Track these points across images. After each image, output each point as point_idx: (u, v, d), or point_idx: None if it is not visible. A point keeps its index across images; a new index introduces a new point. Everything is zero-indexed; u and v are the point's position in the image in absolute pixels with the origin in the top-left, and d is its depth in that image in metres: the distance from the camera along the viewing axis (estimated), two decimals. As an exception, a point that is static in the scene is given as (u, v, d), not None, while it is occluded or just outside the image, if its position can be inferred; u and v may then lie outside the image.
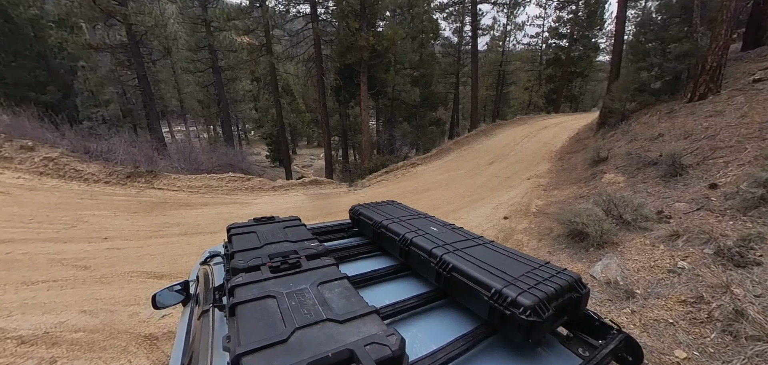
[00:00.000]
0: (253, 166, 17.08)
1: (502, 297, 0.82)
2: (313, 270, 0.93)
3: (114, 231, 5.34)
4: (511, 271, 0.93)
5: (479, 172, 9.56)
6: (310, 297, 0.79)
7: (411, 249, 1.16)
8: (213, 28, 17.05)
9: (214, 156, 12.86)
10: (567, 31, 26.92)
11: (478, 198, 7.32)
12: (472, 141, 14.06)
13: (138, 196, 7.03)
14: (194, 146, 12.80)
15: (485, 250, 1.10)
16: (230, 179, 8.11)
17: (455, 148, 12.78)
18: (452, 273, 0.97)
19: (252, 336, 0.64)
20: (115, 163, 8.45)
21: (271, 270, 0.92)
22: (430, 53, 19.71)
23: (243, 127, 35.00)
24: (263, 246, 1.12)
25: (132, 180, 7.59)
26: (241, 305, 0.75)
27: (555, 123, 16.96)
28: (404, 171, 10.14)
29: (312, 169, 27.47)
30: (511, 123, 17.57)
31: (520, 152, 11.91)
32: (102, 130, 10.65)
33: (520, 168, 9.79)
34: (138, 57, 14.20)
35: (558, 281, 0.88)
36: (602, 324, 0.90)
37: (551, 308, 0.80)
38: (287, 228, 1.30)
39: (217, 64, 17.53)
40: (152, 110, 14.82)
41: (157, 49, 15.08)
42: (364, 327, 0.68)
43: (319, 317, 0.71)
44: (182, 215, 6.30)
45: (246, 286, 0.83)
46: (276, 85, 12.07)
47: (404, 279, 1.18)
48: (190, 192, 7.47)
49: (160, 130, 15.27)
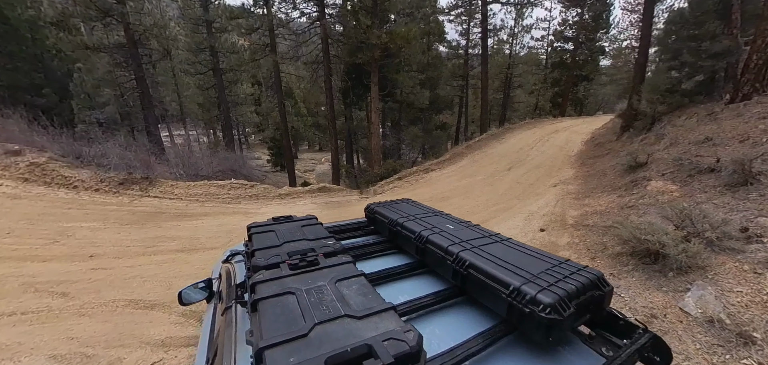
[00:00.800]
0: (255, 170, 16.44)
1: (521, 294, 0.81)
2: (331, 268, 0.93)
3: (101, 247, 4.69)
4: (530, 268, 0.91)
5: (499, 179, 8.95)
6: (328, 293, 0.80)
7: (427, 247, 1.15)
8: (214, 29, 16.54)
9: (215, 160, 12.23)
10: (572, 35, 26.58)
11: (504, 207, 6.69)
12: (484, 145, 13.49)
13: (131, 206, 6.39)
14: (194, 150, 12.18)
15: (503, 247, 1.09)
16: (232, 186, 7.48)
17: (468, 153, 12.19)
18: (469, 271, 0.96)
19: (274, 330, 0.65)
20: (108, 168, 7.82)
21: (290, 267, 0.93)
22: (436, 56, 19.23)
23: (243, 131, 34.44)
24: (282, 244, 1.12)
25: (125, 187, 6.96)
26: (262, 301, 0.76)
27: (564, 127, 16.52)
28: (417, 177, 9.52)
29: (314, 174, 26.85)
30: (521, 127, 17.05)
31: (537, 157, 11.33)
32: (95, 134, 9.99)
33: (541, 173, 9.18)
34: (136, 58, 13.64)
35: (579, 278, 0.86)
36: (627, 323, 0.87)
37: (572, 306, 0.78)
38: (305, 227, 1.30)
39: (218, 66, 16.99)
40: (150, 113, 14.23)
41: (156, 50, 14.52)
42: (381, 324, 0.68)
43: (337, 313, 0.71)
44: (179, 227, 5.65)
45: (267, 283, 0.84)
46: (280, 86, 11.50)
47: (420, 277, 1.18)
48: (188, 201, 6.84)
49: (158, 133, 14.68)
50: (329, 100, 10.75)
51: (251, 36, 12.63)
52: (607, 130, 13.36)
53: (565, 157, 11.12)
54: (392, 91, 11.71)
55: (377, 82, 9.87)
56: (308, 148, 37.00)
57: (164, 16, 16.21)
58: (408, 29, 9.53)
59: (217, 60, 16.92)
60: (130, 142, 14.38)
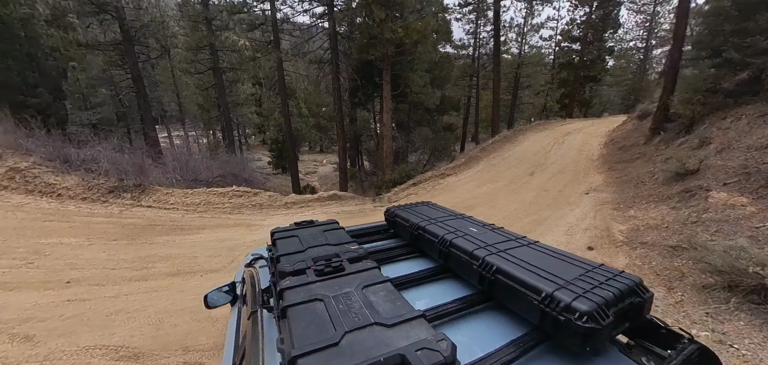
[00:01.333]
0: (256, 173, 15.76)
1: (555, 301, 0.77)
2: (357, 274, 0.92)
3: (82, 270, 4.01)
4: (563, 274, 0.87)
5: (523, 185, 8.27)
6: (356, 300, 0.79)
7: (451, 251, 1.13)
8: (215, 26, 15.87)
9: (215, 164, 11.55)
10: (580, 34, 26.01)
11: (538, 219, 6.02)
12: (498, 148, 12.84)
13: (120, 217, 5.70)
14: (192, 153, 11.49)
15: (530, 251, 1.05)
16: (234, 193, 6.80)
17: (483, 156, 11.52)
18: (497, 276, 0.93)
19: (304, 338, 0.65)
20: (98, 174, 7.14)
21: (315, 273, 0.92)
22: (443, 55, 18.57)
23: (244, 132, 33.78)
24: (306, 249, 1.11)
25: (115, 196, 6.27)
26: (291, 308, 0.75)
27: (576, 128, 15.80)
28: (434, 182, 8.84)
29: (316, 176, 26.16)
30: (532, 128, 16.46)
31: (557, 160, 10.69)
32: (86, 135, 9.29)
33: (567, 179, 8.52)
34: (132, 56, 12.97)
35: (617, 284, 0.82)
36: (670, 332, 0.82)
37: (610, 314, 0.74)
38: (327, 232, 1.30)
39: (219, 65, 16.31)
40: (147, 113, 13.56)
41: (153, 48, 13.84)
42: (412, 332, 0.67)
43: (367, 321, 0.70)
44: (174, 243, 4.97)
45: (294, 289, 0.83)
46: (284, 84, 10.83)
47: (444, 281, 1.15)
48: (185, 211, 6.15)
49: (155, 135, 13.99)
50: (337, 100, 10.08)
51: (253, 33, 11.95)
52: (627, 132, 12.77)
53: (587, 161, 10.51)
54: (404, 90, 11.01)
55: (390, 80, 9.17)
56: (309, 149, 36.36)
57: (163, 13, 15.54)
58: (425, 23, 8.85)
59: (217, 59, 16.24)
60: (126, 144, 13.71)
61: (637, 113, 13.86)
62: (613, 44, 27.70)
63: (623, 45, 32.57)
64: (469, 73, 20.47)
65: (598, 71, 26.99)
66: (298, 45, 10.77)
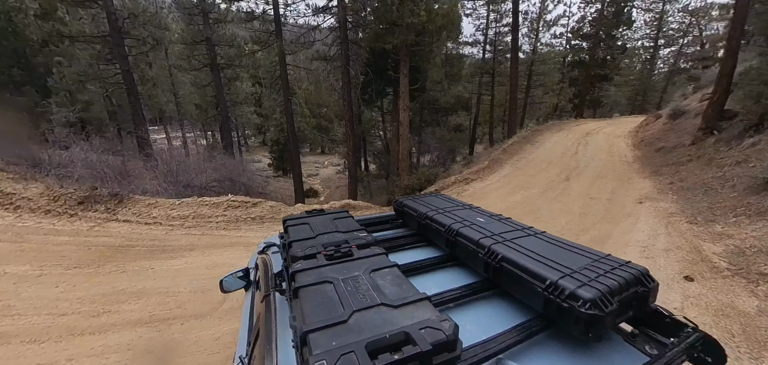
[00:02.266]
0: (256, 176, 14.67)
1: (559, 289, 0.78)
2: (365, 259, 0.95)
3: (19, 317, 2.94)
4: (568, 263, 0.88)
5: (563, 192, 7.22)
6: (363, 283, 0.81)
7: (458, 240, 1.15)
8: (211, 19, 14.82)
9: (211, 166, 10.48)
10: (591, 31, 25.10)
11: (598, 236, 4.96)
12: (519, 149, 11.80)
13: (89, 236, 4.62)
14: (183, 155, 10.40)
15: (537, 241, 1.07)
16: (229, 204, 5.72)
17: (506, 158, 10.46)
18: (502, 264, 0.95)
19: (315, 316, 0.68)
20: (72, 180, 6.07)
21: (325, 258, 0.95)
22: (455, 53, 17.54)
23: (243, 133, 32.74)
24: (316, 236, 1.14)
25: (86, 208, 5.19)
26: (303, 288, 0.79)
27: (594, 129, 14.86)
28: (458, 188, 7.79)
29: (318, 179, 25.11)
30: (548, 129, 15.45)
31: (589, 163, 9.68)
32: (64, 136, 8.20)
33: (610, 185, 7.47)
34: (121, 49, 11.92)
35: (622, 274, 0.82)
36: (674, 321, 0.83)
37: (615, 302, 0.75)
38: (337, 220, 1.32)
39: (216, 62, 15.26)
40: (138, 112, 12.48)
41: (146, 39, 12.77)
42: (417, 313, 0.69)
43: (373, 301, 0.72)
44: (152, 272, 3.89)
45: (305, 272, 0.86)
46: (286, 79, 9.78)
47: (451, 269, 1.17)
48: (170, 227, 5.07)
49: (147, 135, 12.92)
50: (346, 95, 9.00)
51: (253, 24, 10.91)
52: (657, 131, 11.82)
53: (623, 164, 9.51)
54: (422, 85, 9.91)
55: (408, 73, 8.09)
56: (310, 150, 35.38)
57: (156, 4, 14.48)
58: (451, 5, 7.78)
59: (215, 54, 15.19)
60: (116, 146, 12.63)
61: (667, 112, 12.94)
62: (623, 42, 26.86)
63: (631, 44, 31.74)
64: (481, 70, 19.40)
65: (610, 70, 26.12)
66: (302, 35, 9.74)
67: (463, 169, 9.51)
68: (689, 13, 30.47)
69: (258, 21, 10.38)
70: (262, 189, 13.66)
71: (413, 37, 7.54)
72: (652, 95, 33.42)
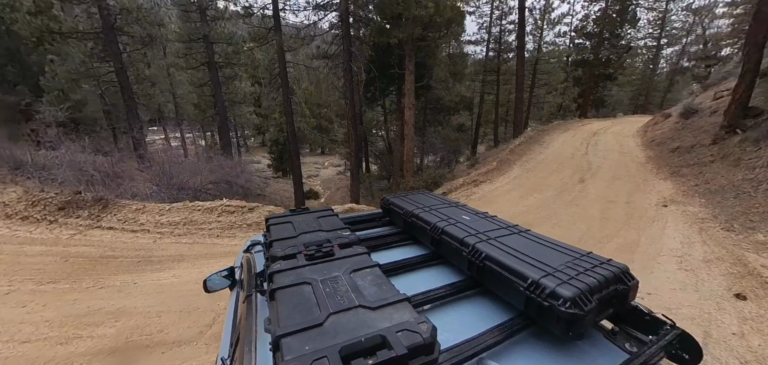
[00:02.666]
0: (254, 177, 14.25)
1: (540, 287, 0.78)
2: (346, 259, 0.94)
3: (-27, 346, 2.51)
4: (550, 261, 0.88)
5: (578, 195, 6.81)
6: (343, 284, 0.80)
7: (442, 238, 1.13)
8: (209, 16, 14.41)
9: (207, 168, 10.06)
10: (595, 30, 24.75)
11: (624, 243, 4.55)
12: (527, 150, 11.40)
13: (69, 245, 4.21)
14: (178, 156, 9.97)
15: (521, 239, 1.06)
16: (224, 209, 5.31)
17: (515, 159, 10.05)
18: (485, 262, 0.94)
19: (290, 319, 0.66)
20: (55, 183, 5.66)
21: (306, 257, 0.94)
22: (459, 51, 17.14)
23: (242, 133, 32.32)
24: (299, 235, 1.13)
25: (67, 214, 4.78)
26: (279, 290, 0.77)
27: (600, 128, 14.50)
28: (467, 191, 7.37)
29: (319, 180, 24.69)
30: (554, 129, 15.07)
31: (602, 164, 9.29)
32: (54, 136, 7.76)
33: (627, 187, 7.07)
34: (114, 46, 11.51)
35: (602, 272, 0.82)
36: (653, 318, 0.83)
37: (594, 300, 0.75)
38: (321, 218, 1.30)
39: (214, 60, 14.84)
40: (132, 112, 12.07)
41: (139, 35, 12.36)
42: (395, 314, 0.68)
43: (351, 303, 0.71)
44: (134, 287, 3.48)
45: (284, 273, 0.85)
46: (285, 76, 9.34)
47: (435, 268, 1.16)
48: (158, 235, 4.65)
49: (142, 136, 12.49)
50: (349, 93, 8.55)
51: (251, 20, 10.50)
52: (669, 131, 11.43)
53: (637, 165, 9.13)
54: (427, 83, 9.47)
55: (413, 69, 7.67)
56: (310, 150, 34.99)
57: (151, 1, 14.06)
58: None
59: (213, 52, 14.77)
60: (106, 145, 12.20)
61: (679, 110, 12.56)
62: (628, 42, 26.55)
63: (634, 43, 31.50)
64: (484, 68, 18.97)
65: (614, 69, 25.80)
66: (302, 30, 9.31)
67: (470, 171, 9.10)
68: (692, 12, 30.18)
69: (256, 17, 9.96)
70: (261, 191, 13.24)
71: (420, 30, 7.11)
72: (655, 95, 33.14)
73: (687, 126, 11.09)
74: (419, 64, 8.27)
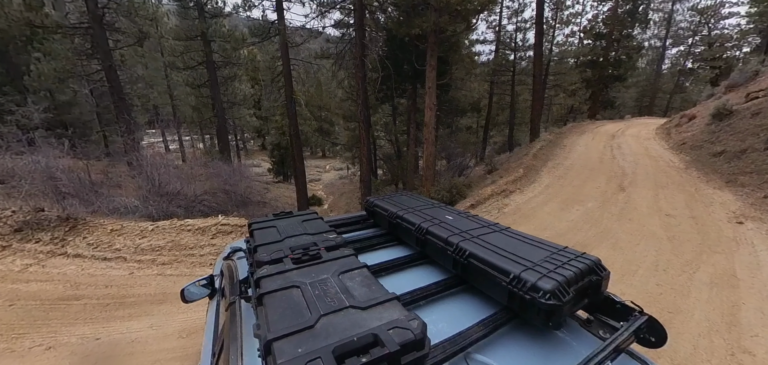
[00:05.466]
0: (255, 182, 13.34)
1: (522, 281, 0.81)
2: (334, 261, 0.94)
3: None
4: (530, 256, 0.92)
5: (626, 207, 5.93)
6: (332, 286, 0.80)
7: (427, 238, 1.15)
8: (207, 12, 13.57)
9: (203, 174, 9.16)
10: (605, 31, 24.13)
11: (715, 275, 3.65)
12: (550, 155, 10.58)
13: (19, 280, 3.29)
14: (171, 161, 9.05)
15: (502, 237, 1.09)
16: (219, 229, 4.40)
17: (540, 165, 9.19)
18: (469, 260, 0.97)
19: (280, 323, 0.66)
20: (19, 197, 4.75)
21: (293, 261, 0.94)
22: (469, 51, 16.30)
23: (242, 136, 31.44)
24: (284, 239, 1.12)
25: (25, 237, 3.87)
26: (268, 295, 0.77)
27: (616, 131, 13.86)
28: (497, 203, 6.47)
29: (321, 185, 23.82)
30: (570, 131, 14.32)
31: (636, 170, 8.52)
32: (13, 142, 6.78)
33: (680, 197, 6.22)
34: (103, 42, 10.63)
35: (577, 264, 0.86)
36: (624, 306, 0.88)
37: (571, 291, 0.78)
38: (305, 222, 1.31)
39: (212, 59, 13.97)
40: (122, 113, 11.15)
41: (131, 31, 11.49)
42: (385, 313, 0.69)
43: (342, 304, 0.72)
44: (97, 348, 2.57)
45: (271, 277, 0.85)
46: (289, 74, 8.45)
47: (421, 267, 1.18)
48: (136, 264, 3.74)
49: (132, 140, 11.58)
50: (362, 92, 7.67)
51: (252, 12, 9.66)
52: (698, 132, 10.69)
53: (675, 171, 8.34)
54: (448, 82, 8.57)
55: (436, 65, 6.75)
56: (311, 153, 34.26)
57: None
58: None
59: (211, 50, 13.91)
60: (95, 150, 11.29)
61: (709, 112, 11.77)
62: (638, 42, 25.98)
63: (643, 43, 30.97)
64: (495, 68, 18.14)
65: (625, 70, 25.19)
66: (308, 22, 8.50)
67: (491, 178, 8.21)
68: (698, 13, 29.82)
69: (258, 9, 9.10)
70: (262, 198, 12.31)
71: (447, 18, 6.22)
72: (660, 96, 32.62)
73: (724, 129, 10.26)
74: (441, 59, 7.42)
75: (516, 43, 17.77)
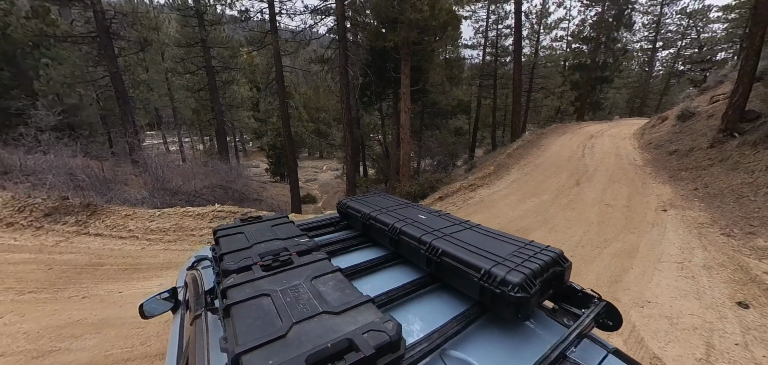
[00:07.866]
0: (252, 182, 14.14)
1: (492, 276, 0.83)
2: (306, 266, 0.92)
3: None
4: (499, 251, 0.94)
5: (575, 198, 6.74)
6: (304, 291, 0.79)
7: (401, 238, 1.15)
8: (206, 21, 14.40)
9: (202, 172, 9.95)
10: (592, 35, 24.92)
11: (623, 249, 4.46)
12: (524, 153, 11.35)
13: (54, 252, 4.09)
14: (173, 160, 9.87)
15: (473, 234, 1.11)
16: (216, 214, 5.21)
17: (512, 163, 9.99)
18: (442, 258, 0.97)
19: (250, 334, 0.63)
20: (45, 188, 5.54)
21: (262, 268, 0.91)
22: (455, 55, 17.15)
23: (241, 138, 32.24)
24: (252, 246, 1.09)
25: (54, 220, 4.67)
26: (235, 305, 0.74)
27: (597, 131, 14.52)
28: (463, 196, 7.29)
29: (317, 184, 24.60)
30: (552, 132, 15.06)
31: (599, 167, 9.25)
32: (47, 140, 7.64)
33: (625, 191, 7.01)
34: (109, 50, 11.44)
35: (543, 257, 0.90)
36: (584, 294, 0.92)
37: (537, 283, 0.81)
38: (276, 227, 1.27)
39: (211, 64, 14.80)
40: (127, 116, 11.98)
41: (135, 39, 12.30)
42: (360, 317, 0.68)
43: (315, 310, 0.70)
44: (119, 297, 3.37)
45: (239, 287, 0.82)
46: (282, 79, 9.30)
47: (395, 268, 1.18)
48: (147, 241, 4.55)
49: (137, 141, 12.39)
50: (345, 97, 8.52)
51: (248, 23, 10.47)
52: (666, 134, 11.42)
53: (634, 168, 9.09)
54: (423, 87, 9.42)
55: (409, 73, 7.64)
56: (308, 155, 34.93)
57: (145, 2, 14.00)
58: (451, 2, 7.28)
59: (210, 56, 14.74)
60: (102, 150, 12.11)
61: (676, 113, 12.55)
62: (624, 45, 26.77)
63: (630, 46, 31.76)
64: (481, 73, 18.98)
65: (612, 72, 25.99)
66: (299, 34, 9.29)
67: (467, 175, 9.02)
68: (687, 16, 30.46)
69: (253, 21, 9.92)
70: (258, 196, 13.12)
71: (415, 34, 7.06)
72: (651, 98, 33.32)
73: (684, 129, 11.07)
74: (415, 68, 8.26)
75: (497, 49, 18.59)
